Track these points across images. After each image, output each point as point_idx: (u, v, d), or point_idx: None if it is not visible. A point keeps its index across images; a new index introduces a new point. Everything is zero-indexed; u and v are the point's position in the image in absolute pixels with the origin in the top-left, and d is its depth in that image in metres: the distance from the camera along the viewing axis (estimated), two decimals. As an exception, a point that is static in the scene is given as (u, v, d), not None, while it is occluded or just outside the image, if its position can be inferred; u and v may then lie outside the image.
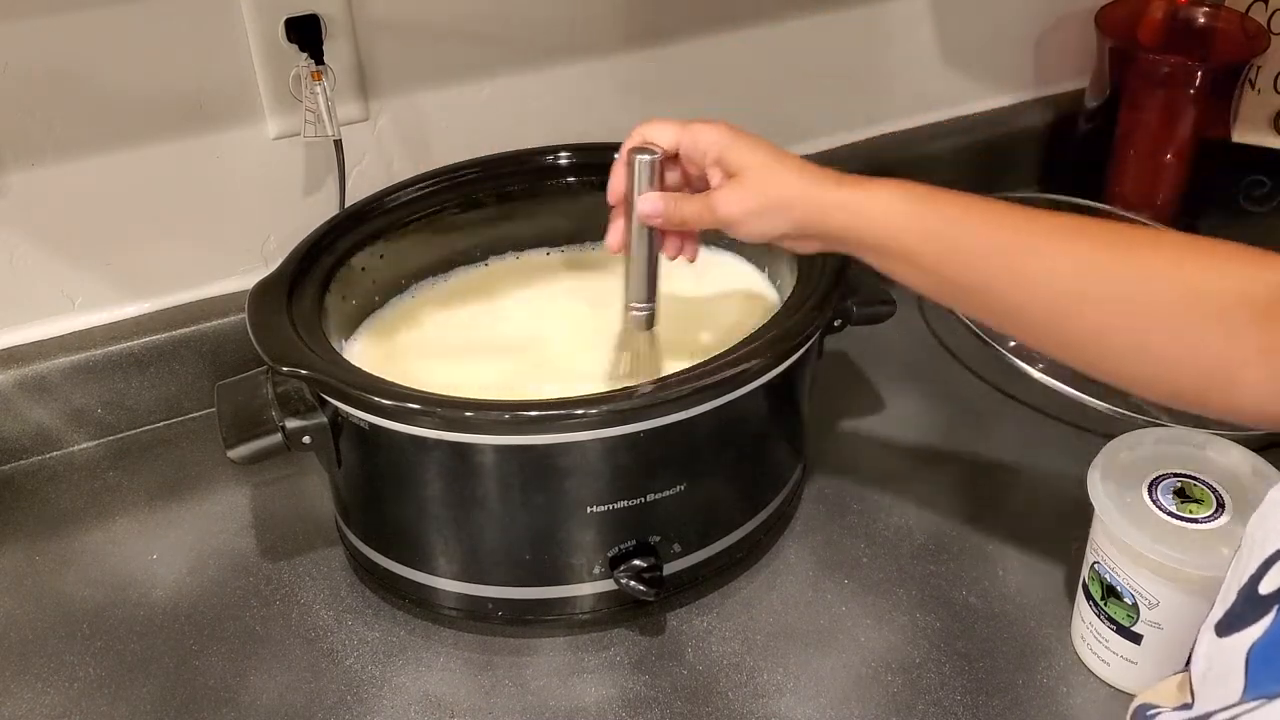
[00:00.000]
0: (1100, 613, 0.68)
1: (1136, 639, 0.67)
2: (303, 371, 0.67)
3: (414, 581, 0.74)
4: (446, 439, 0.66)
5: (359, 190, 0.88)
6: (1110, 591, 0.67)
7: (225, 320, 0.89)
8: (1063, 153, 1.16)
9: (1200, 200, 1.09)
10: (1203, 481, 0.67)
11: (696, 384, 0.67)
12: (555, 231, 0.90)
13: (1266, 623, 0.42)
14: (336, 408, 0.69)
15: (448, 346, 0.82)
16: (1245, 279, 0.55)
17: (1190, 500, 0.66)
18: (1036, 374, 0.88)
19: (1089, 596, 0.69)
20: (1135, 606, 0.66)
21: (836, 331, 0.78)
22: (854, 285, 0.77)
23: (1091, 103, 1.10)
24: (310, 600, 0.76)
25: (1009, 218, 0.62)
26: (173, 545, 0.81)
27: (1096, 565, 0.68)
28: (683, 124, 0.69)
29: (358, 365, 0.72)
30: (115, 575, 0.78)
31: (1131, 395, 0.80)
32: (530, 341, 0.82)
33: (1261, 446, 0.72)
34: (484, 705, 0.70)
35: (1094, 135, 1.10)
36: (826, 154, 1.08)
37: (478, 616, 0.74)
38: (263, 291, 0.74)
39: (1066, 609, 0.73)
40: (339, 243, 0.80)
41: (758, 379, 0.70)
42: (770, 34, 1.01)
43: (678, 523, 0.72)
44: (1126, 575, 0.66)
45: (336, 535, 0.80)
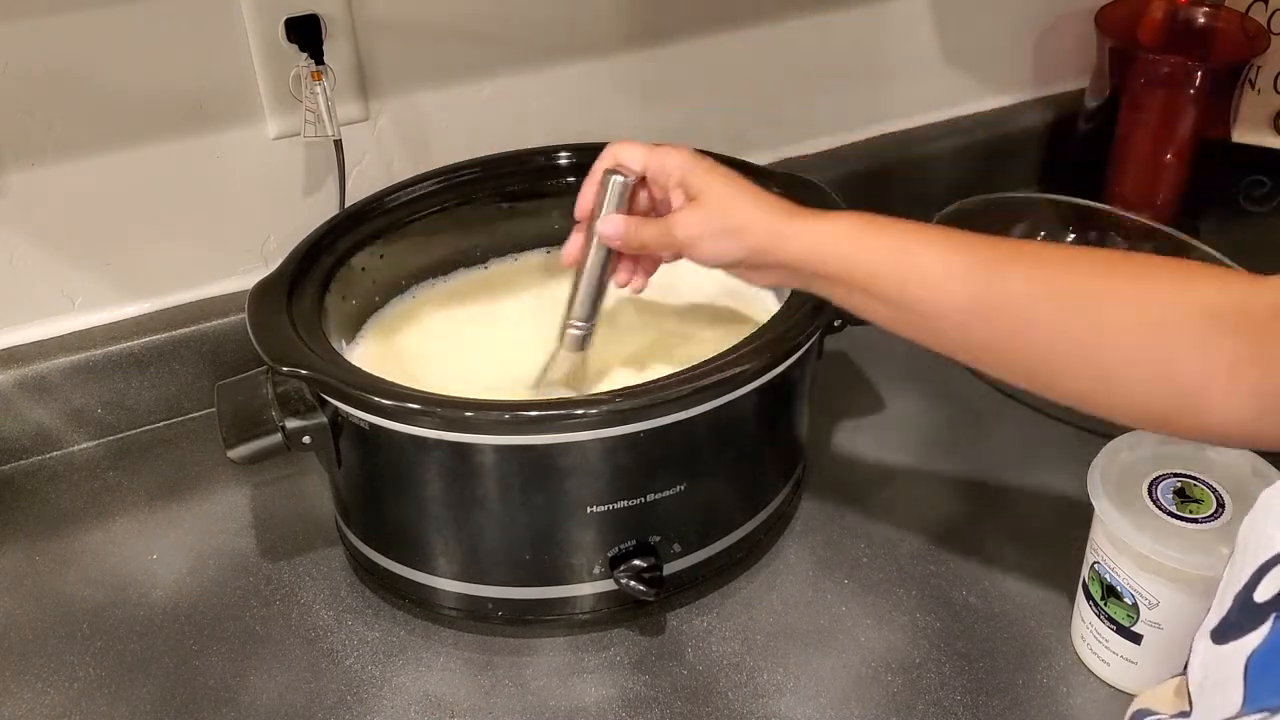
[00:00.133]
0: (1100, 613, 0.68)
1: (1136, 639, 0.67)
2: (303, 371, 0.67)
3: (414, 581, 0.74)
4: (446, 439, 0.66)
5: (359, 190, 0.88)
6: (1110, 591, 0.67)
7: (225, 320, 0.89)
8: (1063, 153, 1.16)
9: (1200, 200, 1.09)
10: (1203, 481, 0.67)
11: (697, 384, 0.67)
12: (555, 231, 0.89)
13: (1264, 631, 0.42)
14: (336, 408, 0.69)
15: (448, 347, 0.82)
16: (1208, 295, 0.54)
17: (1190, 500, 0.66)
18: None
19: (1089, 596, 0.69)
20: (1135, 606, 0.66)
21: (836, 331, 0.78)
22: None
23: (1091, 103, 1.10)
24: (310, 600, 0.76)
25: (957, 244, 0.61)
26: (173, 545, 0.81)
27: (1096, 565, 0.68)
28: (651, 147, 0.71)
29: (358, 365, 0.72)
30: (115, 575, 0.78)
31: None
32: (530, 342, 0.82)
33: (1262, 446, 0.72)
34: (484, 705, 0.70)
35: (1094, 135, 1.10)
36: (826, 154, 1.08)
37: (478, 616, 0.74)
38: (263, 291, 0.74)
39: (1066, 609, 0.73)
40: (339, 243, 0.80)
41: (758, 379, 0.70)
42: (770, 34, 1.01)
43: (678, 523, 0.72)
44: (1126, 575, 0.66)
45: (336, 535, 0.80)
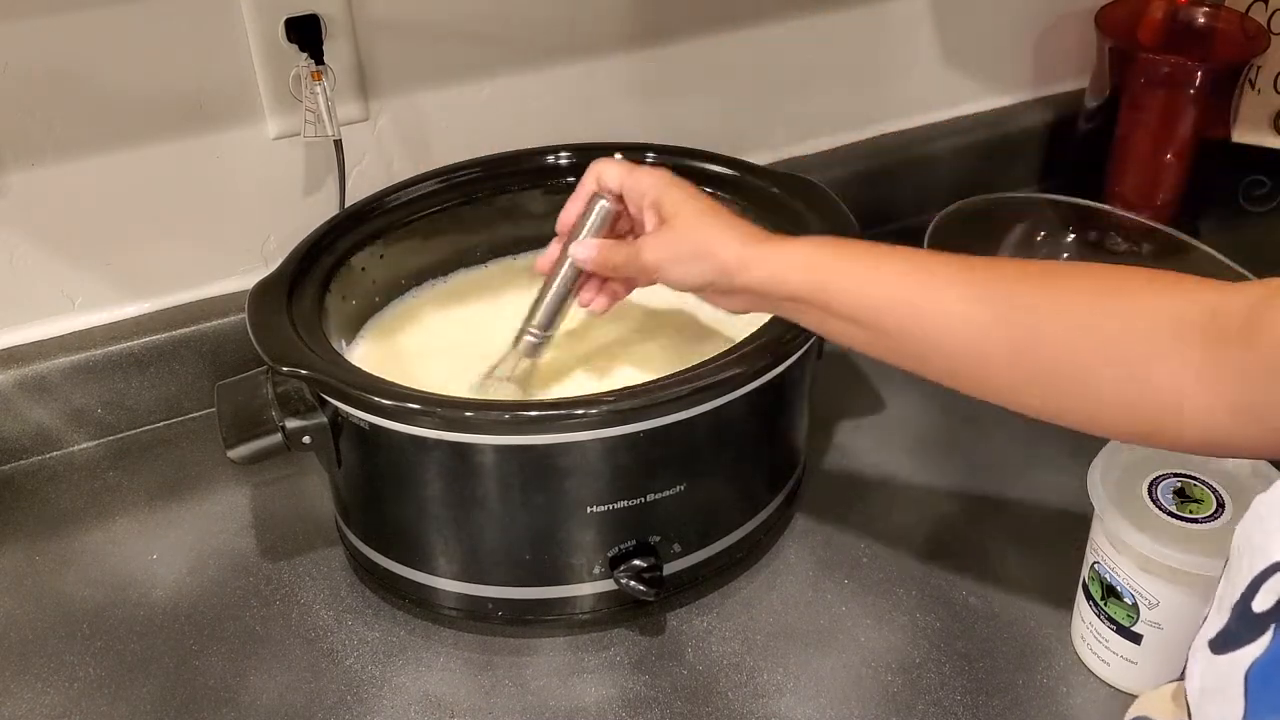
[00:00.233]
0: (1100, 613, 0.68)
1: (1136, 639, 0.67)
2: (303, 371, 0.67)
3: (414, 581, 0.74)
4: (446, 439, 0.66)
5: (359, 190, 0.88)
6: (1110, 591, 0.67)
7: (225, 320, 0.89)
8: (1063, 153, 1.16)
9: (1200, 200, 1.09)
10: (1202, 481, 0.67)
11: (696, 384, 0.67)
12: (555, 232, 0.90)
13: (1265, 642, 0.41)
14: (336, 408, 0.69)
15: (448, 347, 0.82)
16: (1177, 305, 0.53)
17: (1190, 500, 0.66)
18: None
19: (1089, 596, 0.69)
20: (1135, 606, 0.66)
21: (836, 331, 0.78)
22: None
23: (1091, 103, 1.10)
24: (310, 600, 0.76)
25: (926, 264, 0.61)
26: (173, 545, 0.81)
27: (1096, 565, 0.68)
28: (630, 167, 0.72)
29: (358, 365, 0.72)
30: (115, 575, 0.78)
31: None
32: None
33: (1261, 446, 0.72)
34: (484, 705, 0.70)
35: (1094, 135, 1.10)
36: (827, 154, 1.08)
37: (478, 616, 0.74)
38: (263, 291, 0.74)
39: (1066, 609, 0.73)
40: (339, 243, 0.80)
41: (758, 379, 0.70)
42: (770, 34, 1.01)
43: (678, 523, 0.72)
44: (1126, 575, 0.66)
45: (336, 535, 0.80)
